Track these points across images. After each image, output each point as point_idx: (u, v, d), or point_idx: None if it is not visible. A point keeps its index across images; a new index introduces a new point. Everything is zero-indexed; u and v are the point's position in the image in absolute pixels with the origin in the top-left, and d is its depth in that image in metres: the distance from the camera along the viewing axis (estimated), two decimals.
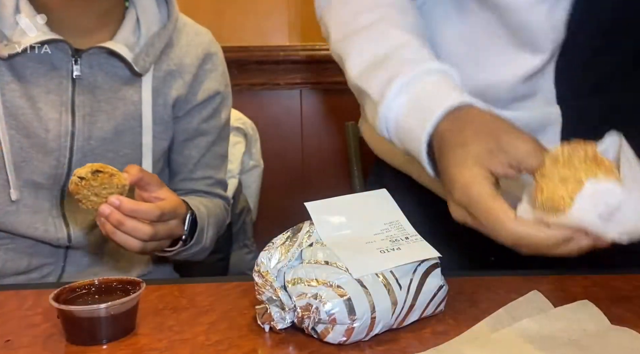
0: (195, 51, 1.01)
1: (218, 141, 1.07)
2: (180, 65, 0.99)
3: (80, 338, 0.60)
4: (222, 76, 1.06)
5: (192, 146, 1.04)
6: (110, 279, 0.65)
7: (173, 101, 0.99)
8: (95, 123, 0.92)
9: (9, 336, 0.62)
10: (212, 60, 1.04)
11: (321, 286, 0.57)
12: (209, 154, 1.06)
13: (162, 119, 0.98)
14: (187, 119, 1.02)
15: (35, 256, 0.95)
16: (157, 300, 0.72)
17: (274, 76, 1.58)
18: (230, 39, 1.59)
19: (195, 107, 1.02)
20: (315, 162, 1.66)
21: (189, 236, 0.91)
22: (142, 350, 0.58)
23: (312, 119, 1.64)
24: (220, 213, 1.07)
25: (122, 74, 0.94)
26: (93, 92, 0.92)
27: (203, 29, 1.06)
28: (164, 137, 1.00)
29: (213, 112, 1.04)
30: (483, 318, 0.64)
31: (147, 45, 0.94)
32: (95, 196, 0.76)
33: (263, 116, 1.61)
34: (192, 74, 1.00)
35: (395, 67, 0.66)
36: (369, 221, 0.65)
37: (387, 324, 0.59)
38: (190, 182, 1.05)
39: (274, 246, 0.62)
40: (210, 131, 1.05)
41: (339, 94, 1.60)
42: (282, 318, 0.60)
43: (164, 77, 0.97)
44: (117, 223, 0.76)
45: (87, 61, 0.91)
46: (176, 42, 0.99)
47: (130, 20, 0.95)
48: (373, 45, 0.70)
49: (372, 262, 0.60)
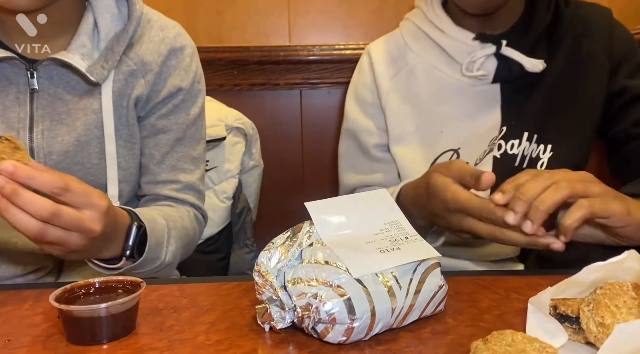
0: (157, 48, 0.95)
1: (186, 141, 1.00)
2: (140, 63, 0.93)
3: (81, 337, 0.60)
4: (186, 71, 0.98)
5: (153, 144, 0.98)
6: (110, 279, 0.65)
7: (134, 102, 0.94)
8: (55, 137, 0.88)
9: (9, 336, 0.62)
10: (177, 55, 0.97)
11: (321, 285, 0.57)
12: (174, 155, 0.99)
13: (127, 122, 0.94)
14: (147, 117, 0.97)
15: (30, 262, 0.94)
16: (157, 300, 0.72)
17: (274, 76, 1.58)
18: (230, 39, 1.59)
19: (156, 105, 0.96)
20: (315, 162, 1.66)
21: (137, 252, 0.81)
22: (142, 350, 0.58)
23: (312, 119, 1.63)
24: (187, 224, 0.97)
25: (82, 84, 0.90)
26: (53, 104, 0.88)
27: (170, 23, 0.99)
28: (132, 140, 0.95)
29: (174, 109, 0.97)
30: (483, 318, 0.64)
31: (107, 50, 0.89)
32: None
33: (263, 116, 1.61)
34: (154, 73, 0.94)
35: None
36: (369, 221, 0.65)
37: (387, 324, 0.59)
38: (155, 186, 0.99)
39: (274, 245, 0.62)
40: (171, 128, 0.98)
41: (339, 94, 1.60)
42: (282, 318, 0.60)
43: (125, 79, 0.92)
44: (12, 194, 0.62)
45: (45, 73, 0.87)
46: (137, 40, 0.93)
47: (86, 25, 0.89)
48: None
49: (372, 262, 0.60)
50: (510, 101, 1.04)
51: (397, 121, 1.11)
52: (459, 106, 1.07)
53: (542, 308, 0.59)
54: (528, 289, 0.71)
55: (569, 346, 0.57)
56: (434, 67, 1.09)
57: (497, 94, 1.05)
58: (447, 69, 1.07)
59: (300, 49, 1.57)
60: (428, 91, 1.09)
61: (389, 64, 1.13)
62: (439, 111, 1.08)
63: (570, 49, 1.03)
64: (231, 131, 1.45)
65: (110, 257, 0.80)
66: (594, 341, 0.54)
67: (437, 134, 1.08)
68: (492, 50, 1.01)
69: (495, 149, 1.04)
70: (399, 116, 1.11)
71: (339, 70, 1.58)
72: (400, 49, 1.14)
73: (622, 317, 0.54)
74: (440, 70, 1.08)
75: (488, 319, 0.64)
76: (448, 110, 1.07)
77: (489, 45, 1.02)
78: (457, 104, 1.07)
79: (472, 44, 1.03)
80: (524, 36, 1.03)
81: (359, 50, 1.54)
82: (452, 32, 1.06)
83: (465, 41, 1.04)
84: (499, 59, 1.02)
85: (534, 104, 1.03)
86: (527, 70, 1.00)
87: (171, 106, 0.97)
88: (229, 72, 1.58)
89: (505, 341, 0.52)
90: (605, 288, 0.56)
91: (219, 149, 1.44)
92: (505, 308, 0.67)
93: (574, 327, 0.58)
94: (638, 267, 0.60)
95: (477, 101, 1.05)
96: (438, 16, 1.08)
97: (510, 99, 1.04)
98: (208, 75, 1.56)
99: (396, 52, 1.14)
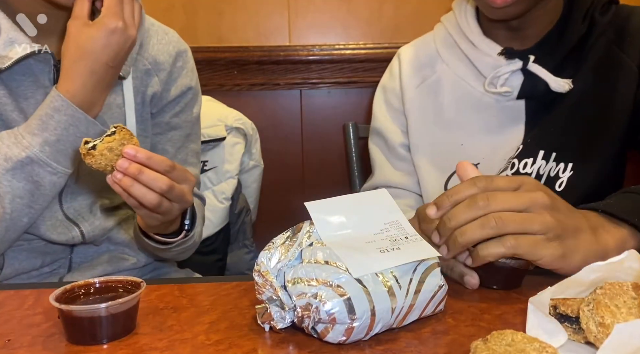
0: (167, 49, 1.03)
1: (193, 137, 1.09)
2: (154, 63, 1.01)
3: (81, 337, 0.60)
4: (192, 72, 1.08)
5: (166, 140, 1.05)
6: (110, 279, 0.65)
7: (150, 99, 1.01)
8: None
9: (10, 335, 0.62)
10: (183, 57, 1.06)
11: (321, 285, 0.57)
12: (184, 150, 1.07)
13: (142, 118, 1.00)
14: (160, 115, 1.04)
15: (48, 254, 0.97)
16: (157, 300, 0.72)
17: (274, 76, 1.59)
18: (230, 39, 1.60)
19: (168, 103, 1.04)
20: (315, 162, 1.66)
21: (190, 225, 0.93)
22: (142, 350, 0.58)
23: (312, 119, 1.64)
24: (204, 211, 1.09)
25: None
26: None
27: (169, 29, 1.07)
28: (145, 134, 1.02)
29: (185, 107, 1.06)
30: (483, 317, 0.64)
31: None
32: (109, 151, 0.73)
33: (263, 116, 1.61)
34: (166, 72, 1.02)
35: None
36: (368, 221, 0.65)
37: (387, 323, 0.59)
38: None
39: (274, 245, 0.62)
40: (182, 125, 1.06)
41: (339, 94, 1.60)
42: (282, 318, 0.60)
43: (141, 76, 0.99)
44: (137, 173, 0.73)
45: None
46: (147, 42, 1.01)
47: None
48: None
49: (371, 262, 0.60)
50: (535, 117, 1.01)
51: (415, 130, 1.11)
52: (482, 119, 1.05)
53: (542, 308, 0.59)
54: (528, 289, 0.71)
55: (568, 345, 0.57)
56: (462, 78, 1.07)
57: (521, 111, 1.02)
58: (474, 81, 1.06)
59: (300, 49, 1.57)
60: (453, 101, 1.08)
61: (416, 71, 1.13)
62: (462, 123, 1.07)
63: (599, 61, 0.99)
64: (231, 131, 1.45)
65: (172, 232, 0.93)
66: (594, 341, 0.54)
67: (458, 146, 1.06)
68: (518, 66, 0.99)
69: (509, 168, 1.01)
70: (419, 125, 1.10)
71: (339, 70, 1.59)
72: (431, 56, 1.13)
73: (622, 317, 0.54)
74: (467, 82, 1.07)
75: (488, 319, 0.64)
76: (471, 123, 1.06)
77: (516, 61, 0.99)
78: (481, 117, 1.05)
79: (498, 58, 1.01)
80: (555, 50, 0.99)
81: (359, 50, 1.54)
82: (480, 43, 1.03)
83: (492, 55, 1.02)
84: (525, 74, 0.99)
85: (556, 121, 0.99)
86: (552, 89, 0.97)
87: (183, 104, 1.06)
88: (229, 72, 1.58)
89: (505, 341, 0.52)
90: (605, 288, 0.56)
91: (218, 149, 1.44)
92: (505, 308, 0.67)
93: (573, 327, 0.58)
94: (638, 267, 0.60)
95: (501, 116, 1.03)
96: (469, 24, 1.06)
97: (535, 116, 1.01)
98: (208, 75, 1.57)
99: (425, 59, 1.13)
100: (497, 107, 1.04)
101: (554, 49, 1.00)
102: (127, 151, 0.72)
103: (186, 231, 0.94)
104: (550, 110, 1.00)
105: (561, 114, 0.99)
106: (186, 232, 0.94)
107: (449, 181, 1.07)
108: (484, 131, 1.05)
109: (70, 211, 0.95)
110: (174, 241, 0.94)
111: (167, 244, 0.95)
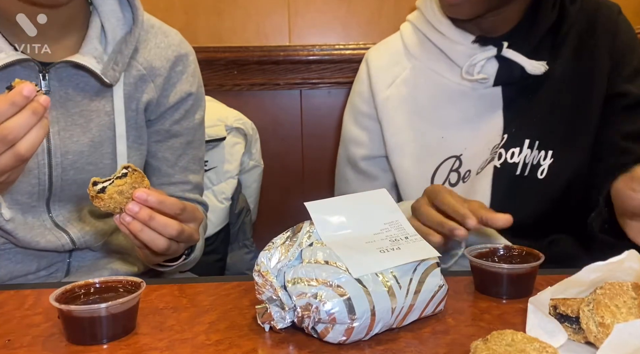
0: (164, 53, 0.98)
1: (195, 144, 1.05)
2: (150, 68, 0.96)
3: (81, 337, 0.60)
4: (194, 77, 1.03)
5: (166, 148, 1.02)
6: (110, 279, 0.65)
7: (144, 105, 0.97)
8: (71, 138, 0.90)
9: (10, 335, 0.62)
10: (183, 61, 1.01)
11: (321, 285, 0.57)
12: (185, 157, 1.04)
13: (136, 125, 0.97)
14: (160, 122, 1.00)
15: (44, 258, 0.95)
16: (157, 300, 0.72)
17: (274, 76, 1.58)
18: (230, 39, 1.59)
19: (167, 110, 1.00)
20: (315, 162, 1.66)
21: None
22: (142, 350, 0.58)
23: (312, 119, 1.63)
24: (205, 220, 1.07)
25: (93, 86, 0.91)
26: (65, 106, 0.90)
27: (172, 30, 1.02)
28: (140, 141, 0.98)
29: (185, 114, 1.02)
30: (483, 317, 0.64)
31: (115, 53, 0.91)
32: (119, 194, 0.70)
33: (263, 116, 1.60)
34: (163, 77, 0.98)
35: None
36: (368, 221, 0.65)
37: (387, 323, 0.59)
38: (169, 187, 1.03)
39: (274, 245, 0.62)
40: (183, 133, 1.02)
41: (339, 94, 1.60)
42: (282, 318, 0.60)
43: (134, 83, 0.95)
44: (148, 218, 0.71)
45: (55, 75, 0.88)
46: (144, 46, 0.96)
47: (94, 28, 0.91)
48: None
49: (371, 262, 0.60)
50: (512, 104, 1.03)
51: (394, 130, 1.09)
52: (460, 110, 1.05)
53: (542, 308, 0.59)
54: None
55: (568, 345, 0.57)
56: (434, 71, 1.07)
57: (498, 98, 1.03)
58: (448, 72, 1.06)
59: (300, 49, 1.57)
60: (428, 95, 1.08)
61: (387, 71, 1.12)
62: (440, 115, 1.07)
63: (574, 49, 1.01)
64: (231, 131, 1.45)
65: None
66: (594, 341, 0.54)
67: (438, 140, 1.06)
68: (492, 52, 1.00)
69: (496, 159, 1.02)
70: (397, 124, 1.09)
71: (339, 71, 1.58)
72: (400, 53, 1.12)
73: (622, 317, 0.54)
74: (441, 74, 1.07)
75: (488, 319, 0.64)
76: (449, 114, 1.06)
77: (490, 47, 1.00)
78: (459, 108, 1.05)
79: (472, 46, 1.02)
80: (527, 37, 1.01)
81: (359, 50, 1.54)
82: (452, 34, 1.04)
83: (465, 44, 1.03)
84: (500, 61, 1.01)
85: (536, 109, 1.01)
86: (528, 72, 0.99)
87: (183, 111, 1.01)
88: (229, 72, 1.58)
89: (505, 341, 0.52)
90: (605, 288, 0.56)
91: (218, 150, 1.44)
92: (505, 308, 0.67)
93: (573, 327, 0.58)
94: (638, 267, 0.60)
95: (479, 105, 1.04)
96: (437, 18, 1.06)
97: (513, 103, 1.02)
98: (208, 75, 1.57)
99: (395, 57, 1.12)
100: (473, 96, 1.04)
101: (528, 34, 1.01)
102: (138, 195, 0.69)
103: (185, 255, 0.92)
104: (528, 96, 1.02)
105: (541, 100, 1.01)
106: (185, 257, 0.93)
107: (436, 174, 1.06)
108: (462, 121, 1.05)
109: (59, 219, 0.94)
110: (173, 265, 0.92)
111: (165, 267, 0.94)
